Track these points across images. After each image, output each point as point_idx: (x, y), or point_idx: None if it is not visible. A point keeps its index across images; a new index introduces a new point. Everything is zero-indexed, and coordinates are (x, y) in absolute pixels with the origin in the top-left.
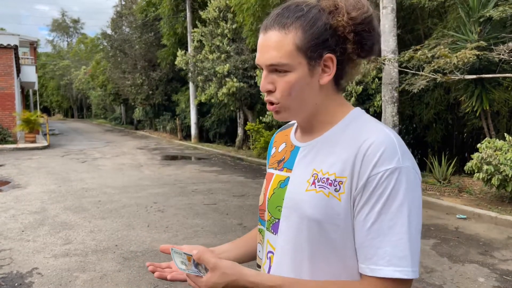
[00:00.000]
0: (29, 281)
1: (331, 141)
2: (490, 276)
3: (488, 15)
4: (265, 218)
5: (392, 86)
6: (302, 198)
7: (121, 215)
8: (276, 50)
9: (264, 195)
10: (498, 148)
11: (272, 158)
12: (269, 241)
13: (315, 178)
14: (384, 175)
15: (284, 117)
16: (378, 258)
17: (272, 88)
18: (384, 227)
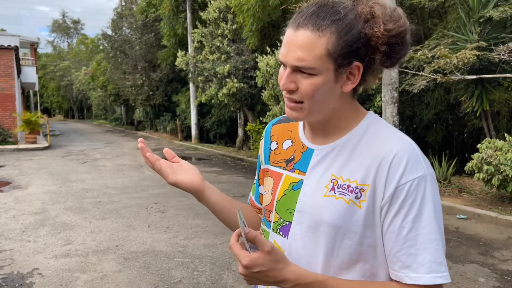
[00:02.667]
0: (30, 281)
1: (350, 147)
2: (490, 276)
3: (488, 16)
4: (270, 219)
5: (392, 87)
6: (320, 203)
7: (122, 216)
8: (306, 51)
9: (272, 195)
10: (498, 148)
11: (276, 155)
12: (276, 243)
13: (335, 184)
14: (413, 184)
15: (300, 116)
16: (417, 266)
17: (294, 87)
18: (420, 235)
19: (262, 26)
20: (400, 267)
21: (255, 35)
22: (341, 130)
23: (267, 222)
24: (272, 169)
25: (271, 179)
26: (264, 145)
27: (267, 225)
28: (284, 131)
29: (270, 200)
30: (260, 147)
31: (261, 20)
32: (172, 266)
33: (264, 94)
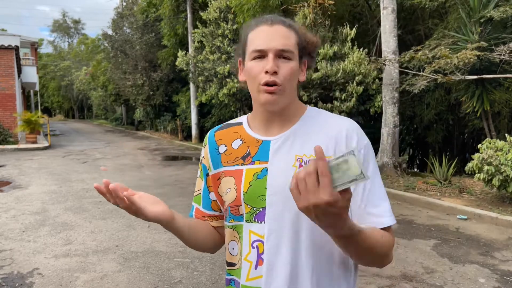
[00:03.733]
0: (30, 281)
1: (303, 131)
2: (490, 277)
3: (488, 16)
4: (241, 212)
5: (392, 87)
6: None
7: (122, 216)
8: (287, 39)
9: (236, 191)
10: (498, 148)
11: (227, 155)
12: (252, 231)
13: (301, 161)
14: (365, 149)
15: (278, 100)
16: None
17: (277, 70)
18: (377, 190)
19: None
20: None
21: None
22: (292, 119)
23: (236, 217)
24: (228, 168)
25: (230, 177)
26: (210, 151)
27: (237, 219)
28: (229, 134)
29: (236, 195)
30: (205, 156)
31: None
32: (172, 266)
33: None
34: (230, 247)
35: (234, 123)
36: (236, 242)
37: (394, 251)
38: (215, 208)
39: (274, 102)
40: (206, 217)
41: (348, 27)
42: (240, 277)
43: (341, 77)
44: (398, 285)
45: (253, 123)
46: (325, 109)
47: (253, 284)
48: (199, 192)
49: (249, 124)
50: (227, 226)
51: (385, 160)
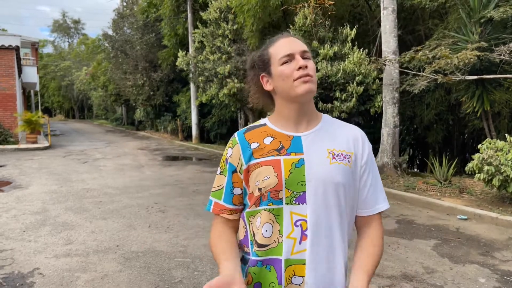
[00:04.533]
0: (31, 281)
1: (326, 130)
2: (491, 277)
3: (489, 16)
4: (280, 196)
5: (393, 87)
6: (331, 169)
7: (122, 216)
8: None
9: (277, 177)
10: (499, 148)
11: (261, 149)
12: (294, 212)
13: (333, 154)
14: (371, 152)
15: (313, 87)
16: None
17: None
18: (378, 183)
19: (262, 26)
20: (373, 204)
21: (256, 36)
22: (315, 120)
23: (275, 201)
24: (264, 159)
25: (268, 167)
26: (242, 149)
27: (276, 203)
28: (258, 133)
29: (277, 181)
30: (233, 154)
31: (261, 21)
32: (172, 266)
33: None
34: (263, 230)
35: (257, 125)
36: (271, 224)
37: (394, 251)
38: (236, 202)
39: (311, 90)
40: (224, 211)
41: (348, 27)
42: (282, 253)
43: (341, 77)
44: (399, 285)
45: (279, 123)
46: (325, 109)
47: (298, 257)
48: (220, 187)
49: (274, 125)
50: (262, 210)
51: (385, 160)
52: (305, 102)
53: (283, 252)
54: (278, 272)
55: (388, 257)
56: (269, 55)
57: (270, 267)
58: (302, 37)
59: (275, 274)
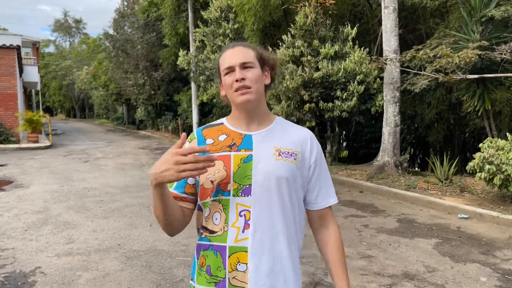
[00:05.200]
0: (32, 280)
1: (277, 131)
2: (492, 276)
3: (490, 15)
4: (228, 188)
5: (393, 86)
6: (275, 165)
7: (124, 215)
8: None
9: (226, 171)
10: (500, 147)
11: (215, 145)
12: (239, 203)
13: (279, 152)
14: (320, 151)
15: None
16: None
17: (244, 76)
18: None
19: (263, 25)
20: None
21: (257, 35)
22: (267, 121)
23: (224, 192)
24: (216, 154)
25: (219, 161)
26: (198, 143)
27: (225, 194)
28: (215, 131)
29: (226, 174)
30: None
31: (262, 20)
32: (174, 265)
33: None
34: (213, 218)
35: (215, 124)
36: (219, 213)
37: (395, 250)
38: (187, 191)
39: (249, 100)
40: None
41: (349, 26)
42: (227, 241)
43: (342, 77)
44: (400, 283)
45: (233, 123)
46: (326, 108)
47: (241, 244)
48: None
49: (229, 124)
50: (213, 201)
51: (386, 159)
52: (252, 108)
53: (228, 239)
54: (224, 258)
55: (389, 256)
56: (218, 65)
57: (217, 253)
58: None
59: (221, 259)
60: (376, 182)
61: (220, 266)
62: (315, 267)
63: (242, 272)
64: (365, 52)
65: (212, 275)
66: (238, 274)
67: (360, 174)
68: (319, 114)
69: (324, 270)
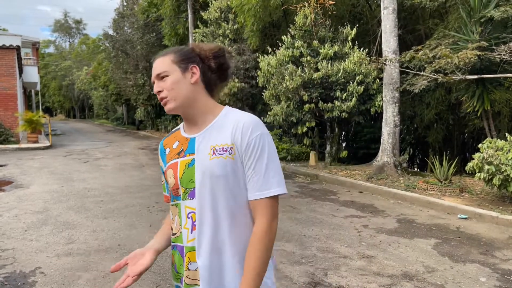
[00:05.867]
0: (32, 280)
1: (217, 126)
2: (491, 276)
3: (489, 16)
4: (179, 193)
5: (393, 86)
6: (210, 165)
7: (124, 215)
8: (159, 66)
9: (174, 178)
10: (499, 148)
11: (169, 155)
12: (187, 206)
13: (214, 150)
14: (257, 137)
15: (171, 106)
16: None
17: (161, 88)
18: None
19: (263, 26)
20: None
21: (256, 35)
22: (209, 117)
23: (176, 197)
24: (169, 163)
25: (170, 169)
26: (161, 155)
27: (177, 198)
28: (172, 138)
29: (174, 181)
30: (159, 159)
31: (262, 20)
32: None
33: (265, 94)
34: (175, 221)
35: (175, 130)
36: (177, 216)
37: (395, 250)
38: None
39: (170, 110)
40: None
41: (348, 27)
42: (182, 241)
43: (341, 77)
44: (399, 284)
45: (185, 127)
46: (326, 108)
47: (191, 245)
48: (163, 182)
49: (183, 128)
50: (172, 205)
51: (386, 159)
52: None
53: (183, 240)
54: (182, 256)
55: (389, 256)
56: None
57: (178, 252)
58: (303, 38)
59: (181, 258)
60: (375, 183)
61: (182, 264)
62: (315, 267)
63: (194, 271)
64: (364, 53)
65: (177, 271)
66: (190, 273)
67: (359, 175)
68: (318, 114)
69: (324, 270)
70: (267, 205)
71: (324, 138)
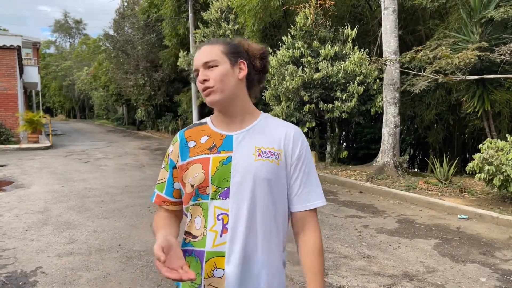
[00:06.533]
0: (34, 280)
1: (260, 128)
2: (491, 276)
3: (489, 16)
4: (206, 192)
5: (393, 87)
6: (255, 166)
7: (124, 215)
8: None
9: (204, 174)
10: (499, 148)
11: (195, 148)
12: (217, 207)
13: (260, 152)
14: (306, 148)
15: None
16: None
17: (207, 78)
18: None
19: (263, 26)
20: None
21: (257, 36)
22: (250, 119)
23: (203, 196)
24: (196, 158)
25: (198, 164)
26: (180, 146)
27: (203, 197)
28: (197, 132)
29: (204, 178)
30: (173, 151)
31: (262, 21)
32: None
33: (266, 94)
34: (195, 223)
35: (199, 123)
36: (200, 217)
37: (395, 250)
38: (176, 196)
39: (213, 100)
40: (165, 202)
41: (349, 27)
42: (205, 245)
43: (342, 77)
44: (400, 284)
45: (216, 122)
46: (326, 109)
47: (218, 249)
48: (163, 181)
49: (213, 123)
50: (193, 205)
51: (386, 160)
52: (224, 107)
53: (206, 244)
54: (202, 263)
55: (389, 256)
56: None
57: (197, 259)
58: (303, 38)
59: (200, 266)
60: (376, 183)
61: (199, 272)
62: None
63: (219, 278)
64: (365, 53)
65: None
66: (214, 280)
67: (360, 175)
68: (319, 115)
69: (324, 270)
70: (315, 215)
71: (325, 139)
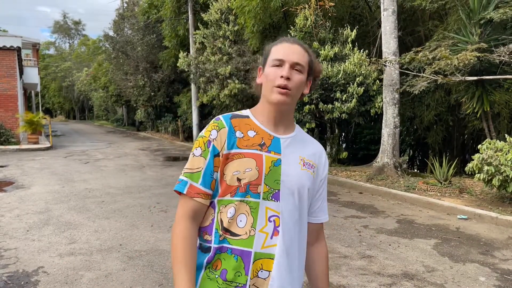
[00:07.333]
0: (35, 279)
1: (300, 140)
2: (491, 276)
3: (488, 17)
4: (258, 190)
5: (393, 88)
6: (301, 174)
7: (125, 215)
8: (301, 56)
9: (258, 172)
10: (498, 149)
11: (245, 140)
12: (269, 208)
13: (303, 161)
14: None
15: (287, 100)
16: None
17: (291, 77)
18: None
19: (263, 27)
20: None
21: (257, 37)
22: (291, 127)
23: (253, 194)
24: (247, 151)
25: (251, 159)
26: (229, 135)
27: (254, 196)
28: (242, 124)
29: (257, 175)
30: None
31: (262, 22)
32: None
33: None
34: (238, 220)
35: (241, 115)
36: (246, 215)
37: (395, 250)
38: (212, 187)
39: (284, 102)
40: (200, 195)
41: (348, 28)
42: (253, 246)
43: (341, 78)
44: (400, 283)
45: (260, 119)
46: (326, 109)
47: (268, 251)
48: (198, 170)
49: (257, 119)
50: (240, 201)
51: (386, 160)
52: (286, 110)
53: (254, 245)
54: (246, 263)
55: (389, 256)
56: (268, 52)
57: (238, 258)
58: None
59: (242, 265)
60: (375, 183)
61: (241, 272)
62: None
63: (262, 279)
64: (364, 54)
65: (226, 280)
66: (258, 281)
67: (359, 175)
68: (318, 115)
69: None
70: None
71: (324, 139)
